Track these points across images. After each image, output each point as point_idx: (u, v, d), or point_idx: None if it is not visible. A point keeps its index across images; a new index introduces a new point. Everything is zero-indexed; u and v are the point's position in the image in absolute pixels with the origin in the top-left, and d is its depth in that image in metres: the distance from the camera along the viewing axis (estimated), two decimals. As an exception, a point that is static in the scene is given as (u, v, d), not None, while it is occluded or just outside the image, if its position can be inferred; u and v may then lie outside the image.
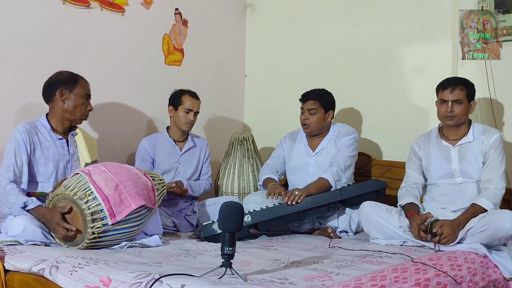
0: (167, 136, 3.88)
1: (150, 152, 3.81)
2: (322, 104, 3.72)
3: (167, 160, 3.83)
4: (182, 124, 3.82)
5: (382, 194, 3.62)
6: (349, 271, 2.50)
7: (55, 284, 2.42)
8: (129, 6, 4.02)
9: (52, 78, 3.19)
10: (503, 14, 3.61)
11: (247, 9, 4.89)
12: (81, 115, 3.21)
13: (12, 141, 3.05)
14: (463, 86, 3.27)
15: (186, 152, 3.89)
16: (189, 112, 3.81)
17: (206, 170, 4.00)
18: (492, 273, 2.79)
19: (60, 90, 3.13)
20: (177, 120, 3.84)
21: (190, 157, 3.92)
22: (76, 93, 3.16)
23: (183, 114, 3.81)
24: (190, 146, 3.92)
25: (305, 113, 3.74)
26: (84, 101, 3.19)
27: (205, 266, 2.48)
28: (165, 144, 3.86)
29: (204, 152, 3.99)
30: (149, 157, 3.80)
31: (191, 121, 3.82)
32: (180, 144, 3.90)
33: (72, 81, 3.17)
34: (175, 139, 3.89)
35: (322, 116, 3.73)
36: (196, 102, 3.84)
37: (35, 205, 2.93)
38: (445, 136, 3.37)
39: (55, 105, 3.17)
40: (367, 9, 4.26)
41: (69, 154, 3.20)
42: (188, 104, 3.81)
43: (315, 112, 3.71)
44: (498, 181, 3.17)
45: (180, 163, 3.87)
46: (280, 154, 3.94)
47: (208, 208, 3.81)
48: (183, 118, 3.81)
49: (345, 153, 3.68)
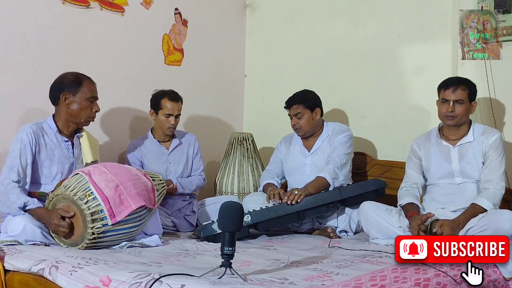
0: (151, 138, 3.83)
1: (137, 155, 3.77)
2: (306, 105, 3.73)
3: (156, 161, 3.79)
4: (165, 129, 3.76)
5: (382, 193, 3.62)
6: (349, 271, 2.50)
7: (55, 284, 2.42)
8: (129, 6, 4.02)
9: (56, 81, 3.16)
10: (503, 14, 3.61)
11: (247, 9, 4.89)
12: (87, 118, 3.17)
13: (17, 141, 3.03)
14: (465, 86, 3.27)
15: (173, 151, 3.85)
16: (170, 116, 3.73)
17: (198, 165, 3.94)
18: (492, 273, 2.79)
19: (63, 95, 3.11)
20: (159, 124, 3.78)
21: (179, 155, 3.87)
22: (80, 96, 3.12)
23: (164, 118, 3.73)
24: (177, 144, 3.87)
25: (293, 119, 3.76)
26: (88, 103, 3.15)
27: (205, 266, 2.48)
28: (151, 146, 3.81)
29: (192, 148, 3.92)
30: (137, 160, 3.76)
31: (172, 125, 3.74)
32: (166, 144, 3.85)
33: (75, 84, 3.12)
34: (160, 139, 3.84)
35: (309, 117, 3.74)
36: (176, 105, 3.74)
37: (36, 205, 2.92)
38: (445, 136, 3.37)
39: (60, 108, 3.15)
40: (367, 9, 4.26)
41: (74, 156, 3.19)
42: (168, 108, 3.72)
43: (301, 115, 3.73)
44: (498, 181, 3.17)
45: (169, 162, 3.82)
46: (277, 158, 3.95)
47: (207, 207, 3.80)
48: (165, 123, 3.74)
49: (341, 151, 3.68)
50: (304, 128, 3.75)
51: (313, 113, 3.75)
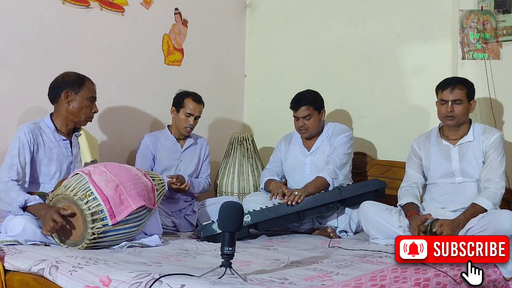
0: (168, 134, 3.90)
1: (151, 148, 3.82)
2: (315, 106, 3.72)
3: (168, 157, 3.84)
4: (182, 128, 3.83)
5: (382, 193, 3.62)
6: (349, 271, 2.50)
7: (55, 284, 2.42)
8: (129, 6, 4.02)
9: (58, 79, 3.17)
10: (503, 14, 3.61)
11: (247, 9, 4.89)
12: (86, 117, 3.20)
13: (16, 141, 3.03)
14: (463, 86, 3.27)
15: (187, 149, 3.90)
16: (190, 116, 3.81)
17: (205, 169, 4.00)
18: (492, 273, 2.79)
19: (65, 92, 3.12)
20: (177, 122, 3.85)
21: (191, 155, 3.92)
22: (81, 95, 3.14)
23: (184, 117, 3.81)
24: (191, 143, 3.93)
25: (300, 120, 3.73)
26: (89, 103, 3.17)
27: (205, 266, 2.48)
28: (166, 141, 3.87)
29: (204, 151, 4.00)
30: (150, 153, 3.81)
31: (191, 125, 3.82)
32: (181, 141, 3.92)
33: (78, 83, 3.15)
34: (176, 137, 3.90)
35: (317, 118, 3.74)
36: (198, 106, 3.83)
37: (37, 201, 2.91)
38: (445, 136, 3.37)
39: (60, 106, 3.16)
40: (367, 9, 4.26)
41: (72, 155, 3.19)
42: (190, 108, 3.80)
43: (310, 117, 3.71)
44: (498, 180, 3.17)
45: (181, 160, 3.88)
46: (277, 157, 3.96)
47: (208, 207, 3.81)
48: (183, 122, 3.81)
49: (341, 151, 3.69)
50: (311, 129, 3.75)
51: (319, 114, 3.75)
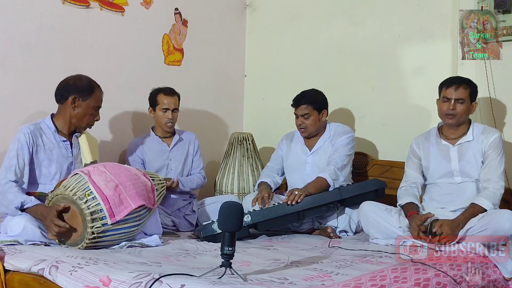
0: (153, 135, 3.87)
1: (138, 153, 3.80)
2: (314, 106, 3.71)
3: (157, 158, 3.82)
4: (163, 124, 3.81)
5: (382, 193, 3.62)
6: (349, 271, 2.50)
7: (55, 284, 2.42)
8: (129, 6, 4.02)
9: (69, 81, 3.16)
10: (503, 14, 3.61)
11: (247, 9, 4.89)
12: (87, 124, 3.20)
13: (15, 141, 3.03)
14: (467, 86, 3.27)
15: (174, 147, 3.88)
16: (167, 110, 3.78)
17: (197, 163, 3.97)
18: (492, 273, 2.79)
19: (73, 97, 3.11)
20: (158, 121, 3.83)
21: (180, 152, 3.90)
22: (88, 103, 3.14)
23: (161, 113, 3.78)
24: (177, 140, 3.90)
25: (299, 118, 3.74)
26: (93, 111, 3.18)
27: (205, 266, 2.48)
28: (152, 143, 3.85)
29: (193, 145, 3.96)
30: (138, 158, 3.79)
31: (170, 119, 3.79)
32: (167, 140, 3.89)
33: (88, 91, 3.14)
34: (161, 136, 3.87)
35: (316, 118, 3.73)
36: (172, 99, 3.79)
37: (33, 203, 2.91)
38: (445, 135, 3.37)
39: (64, 108, 3.15)
40: (367, 9, 4.26)
41: (72, 156, 3.19)
42: (164, 103, 3.77)
43: (308, 116, 3.71)
44: (497, 180, 3.17)
45: (170, 159, 3.85)
46: (278, 155, 3.96)
47: (207, 207, 3.81)
48: (163, 118, 3.79)
49: (342, 152, 3.69)
50: (309, 128, 3.74)
51: (320, 114, 3.74)
